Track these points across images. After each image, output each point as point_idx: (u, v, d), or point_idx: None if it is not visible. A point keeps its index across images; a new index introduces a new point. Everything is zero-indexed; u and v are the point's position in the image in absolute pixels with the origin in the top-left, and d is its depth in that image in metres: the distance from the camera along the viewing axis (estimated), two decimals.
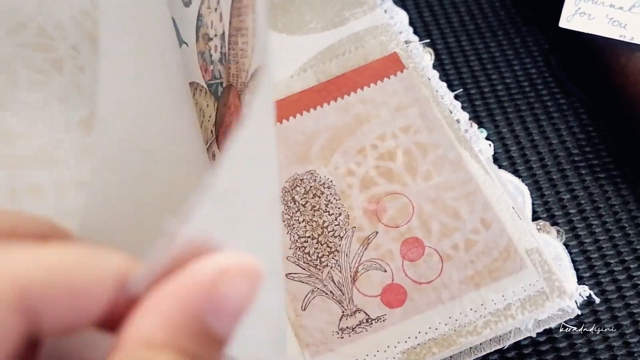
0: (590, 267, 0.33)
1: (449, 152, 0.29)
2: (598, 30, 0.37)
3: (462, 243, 0.27)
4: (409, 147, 0.30)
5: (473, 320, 0.26)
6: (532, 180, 0.35)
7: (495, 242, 0.27)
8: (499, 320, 0.26)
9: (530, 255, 0.26)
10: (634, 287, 0.32)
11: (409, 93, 0.31)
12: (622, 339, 0.30)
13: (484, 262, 0.26)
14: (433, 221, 0.28)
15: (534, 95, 0.39)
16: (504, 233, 0.27)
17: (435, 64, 0.40)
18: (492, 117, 0.38)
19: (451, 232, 0.27)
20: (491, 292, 0.26)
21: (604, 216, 0.34)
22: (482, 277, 0.26)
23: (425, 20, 0.42)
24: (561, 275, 0.26)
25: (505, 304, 0.26)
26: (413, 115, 0.30)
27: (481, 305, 0.26)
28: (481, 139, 0.30)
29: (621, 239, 0.33)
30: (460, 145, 0.29)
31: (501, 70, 0.40)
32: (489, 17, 0.42)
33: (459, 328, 0.26)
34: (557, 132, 0.37)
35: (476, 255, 0.27)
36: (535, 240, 0.27)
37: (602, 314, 0.31)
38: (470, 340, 0.25)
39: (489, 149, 0.30)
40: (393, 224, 0.28)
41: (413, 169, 0.29)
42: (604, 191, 0.35)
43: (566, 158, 0.36)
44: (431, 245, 0.27)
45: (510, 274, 0.26)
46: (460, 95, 0.39)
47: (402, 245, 0.28)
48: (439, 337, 0.26)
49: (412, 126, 0.30)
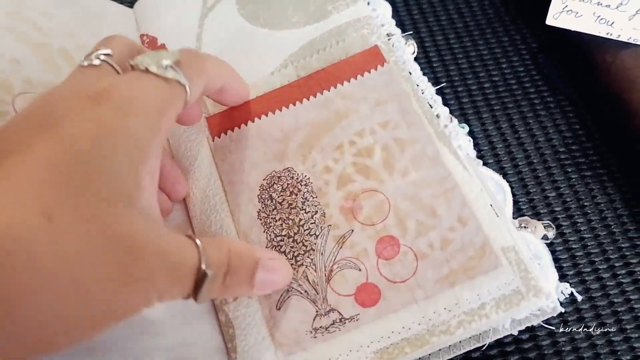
0: (574, 265, 0.32)
1: (428, 148, 0.29)
2: (585, 28, 0.36)
3: (438, 241, 0.27)
4: (387, 143, 0.29)
5: (447, 320, 0.25)
6: (518, 177, 0.35)
7: (471, 241, 0.26)
8: (473, 320, 0.25)
9: (506, 253, 0.26)
10: (618, 285, 0.32)
11: (389, 87, 0.30)
12: (605, 337, 0.30)
13: (460, 260, 0.26)
14: (409, 219, 0.27)
15: (521, 93, 0.38)
16: (480, 231, 0.26)
17: (422, 61, 0.40)
18: (479, 115, 0.38)
19: (427, 230, 0.27)
20: (466, 291, 0.25)
21: (590, 214, 0.34)
22: (457, 276, 0.26)
23: (413, 18, 0.42)
24: (538, 274, 0.25)
25: (480, 303, 0.25)
26: (392, 110, 0.30)
27: (455, 304, 0.25)
28: (461, 134, 0.30)
29: (606, 237, 0.33)
30: (439, 141, 0.29)
31: (489, 68, 0.40)
32: (477, 15, 0.42)
33: (432, 328, 0.25)
34: (544, 130, 0.37)
35: (451, 253, 0.26)
36: (513, 238, 0.26)
37: (586, 312, 0.31)
38: (444, 339, 0.25)
39: (468, 144, 0.30)
40: (369, 222, 0.28)
41: (390, 165, 0.29)
42: (589, 189, 0.35)
43: (552, 156, 0.36)
44: (407, 243, 0.27)
45: (485, 273, 0.25)
46: (447, 92, 0.38)
47: (377, 243, 0.27)
48: (412, 337, 0.25)
49: (391, 121, 0.30)
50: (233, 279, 0.23)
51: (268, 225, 0.28)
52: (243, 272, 0.23)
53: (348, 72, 0.31)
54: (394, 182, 0.28)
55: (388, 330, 0.25)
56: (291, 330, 0.26)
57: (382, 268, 0.27)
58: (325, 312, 0.26)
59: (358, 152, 0.29)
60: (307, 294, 0.27)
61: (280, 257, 0.27)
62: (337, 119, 0.30)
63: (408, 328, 0.25)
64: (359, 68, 0.31)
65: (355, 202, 0.28)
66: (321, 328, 0.26)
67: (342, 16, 0.33)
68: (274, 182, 0.29)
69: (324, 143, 0.30)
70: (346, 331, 0.26)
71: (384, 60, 0.31)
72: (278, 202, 0.29)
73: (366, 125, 0.30)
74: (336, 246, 0.27)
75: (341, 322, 0.26)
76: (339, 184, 0.29)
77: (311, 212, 0.28)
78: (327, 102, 0.31)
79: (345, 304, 0.26)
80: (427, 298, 0.26)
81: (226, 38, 0.35)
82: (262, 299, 0.27)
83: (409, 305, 0.26)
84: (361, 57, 0.32)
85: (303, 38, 0.33)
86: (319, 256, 0.27)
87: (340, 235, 0.28)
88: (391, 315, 0.26)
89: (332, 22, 0.33)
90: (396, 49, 0.32)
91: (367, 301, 0.26)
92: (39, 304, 0.18)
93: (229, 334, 0.27)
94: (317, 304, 0.27)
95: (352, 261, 0.27)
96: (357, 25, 0.33)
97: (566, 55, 0.40)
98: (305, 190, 0.29)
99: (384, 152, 0.29)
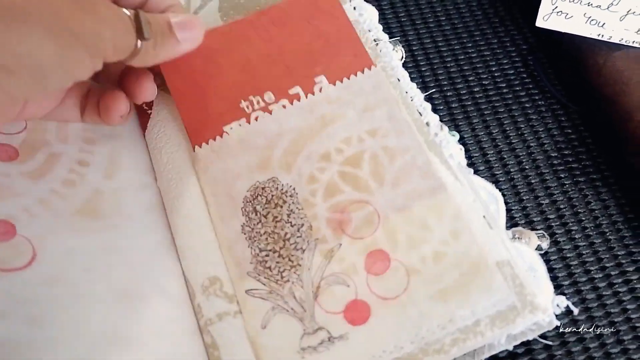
0: (570, 274, 0.31)
1: (418, 158, 0.28)
2: (575, 29, 0.36)
3: (430, 255, 0.26)
4: (376, 152, 0.28)
5: (440, 338, 0.24)
6: (510, 185, 0.34)
7: (465, 255, 0.25)
8: (467, 338, 0.24)
9: (501, 268, 0.25)
10: (614, 294, 0.31)
11: (377, 92, 0.29)
12: (602, 349, 0.29)
13: (453, 275, 0.25)
14: (400, 232, 0.26)
15: (511, 97, 0.38)
16: (474, 245, 0.25)
17: (411, 65, 0.39)
18: (469, 120, 0.37)
19: (419, 244, 0.26)
20: (460, 308, 0.24)
21: (584, 221, 0.33)
22: (450, 292, 0.25)
23: (401, 22, 0.41)
24: (534, 288, 0.25)
25: (474, 320, 0.24)
26: (381, 117, 0.29)
27: (449, 321, 0.24)
28: (452, 143, 0.29)
29: (601, 245, 0.32)
30: (430, 151, 0.28)
31: (478, 71, 0.39)
32: (465, 18, 0.41)
33: (425, 346, 0.24)
34: (536, 135, 0.36)
35: (445, 268, 0.25)
36: (508, 251, 0.25)
37: (582, 323, 0.30)
38: (437, 359, 0.24)
39: (459, 153, 0.29)
40: (358, 235, 0.27)
41: (380, 175, 0.27)
42: (583, 195, 0.34)
43: (545, 161, 0.35)
44: (397, 257, 0.26)
45: (479, 289, 0.24)
46: (436, 97, 0.37)
47: (366, 258, 0.26)
48: (405, 356, 0.24)
49: (380, 129, 0.28)
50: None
51: (252, 240, 0.27)
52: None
53: (300, 11, 0.30)
54: (384, 193, 0.27)
55: (379, 349, 0.24)
56: (277, 350, 0.25)
57: (372, 284, 0.26)
58: (313, 331, 0.25)
59: (345, 161, 0.28)
60: (294, 312, 0.26)
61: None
62: (323, 125, 0.29)
63: (400, 347, 0.24)
64: (313, 8, 0.30)
65: (344, 214, 0.27)
66: (309, 347, 0.25)
67: None
68: (258, 193, 0.28)
69: (310, 150, 0.28)
70: (335, 351, 0.25)
71: (371, 63, 0.30)
72: (263, 215, 0.28)
73: (354, 132, 0.29)
74: (324, 261, 0.26)
75: (330, 341, 0.25)
76: (325, 195, 0.27)
77: (297, 225, 0.27)
78: (312, 106, 0.29)
79: (334, 322, 0.25)
80: (420, 315, 0.25)
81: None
82: (247, 319, 0.26)
83: (401, 323, 0.25)
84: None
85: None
86: (305, 272, 0.26)
87: (328, 250, 0.26)
88: (382, 334, 0.25)
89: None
90: (384, 55, 0.31)
91: (357, 319, 0.25)
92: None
93: (214, 356, 0.26)
94: (305, 322, 0.25)
95: (341, 277, 0.26)
96: None
97: (557, 58, 0.39)
98: (291, 202, 0.27)
99: (372, 161, 0.28)
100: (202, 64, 0.31)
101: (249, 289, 0.26)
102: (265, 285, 0.26)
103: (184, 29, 0.28)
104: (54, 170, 0.29)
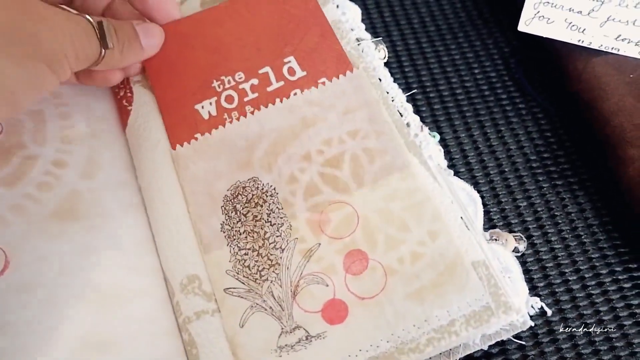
0: (545, 276, 0.32)
1: (397, 159, 0.28)
2: (557, 34, 0.36)
3: (408, 256, 0.26)
4: (356, 153, 0.28)
5: (416, 338, 0.24)
6: (489, 187, 0.35)
7: (442, 255, 0.26)
8: (442, 338, 0.24)
9: (476, 268, 0.25)
10: (587, 296, 0.31)
11: (358, 95, 0.30)
12: (574, 350, 0.30)
13: (430, 275, 0.25)
14: (378, 233, 0.26)
15: (493, 100, 0.38)
16: (451, 245, 0.26)
17: (394, 65, 0.39)
18: (450, 122, 0.37)
19: (397, 245, 0.26)
20: (436, 308, 0.25)
21: (560, 224, 0.33)
22: (426, 292, 0.25)
23: (385, 21, 0.41)
24: (508, 289, 0.25)
25: (449, 320, 0.25)
26: (362, 119, 0.29)
27: (425, 321, 0.25)
28: (432, 144, 0.29)
29: (576, 248, 0.33)
30: (409, 152, 0.28)
31: (461, 73, 0.39)
32: (450, 19, 0.41)
33: (400, 345, 0.24)
34: (516, 138, 0.36)
35: (422, 268, 0.25)
36: (484, 252, 0.26)
37: (556, 324, 0.30)
38: (413, 358, 0.24)
39: (439, 154, 0.29)
40: (337, 235, 0.27)
41: (359, 176, 0.28)
42: (560, 198, 0.34)
43: (524, 164, 0.35)
44: (376, 258, 0.26)
45: (455, 289, 0.25)
46: (419, 98, 0.38)
47: (345, 257, 0.26)
48: (381, 355, 0.24)
49: (360, 131, 0.29)
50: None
51: (232, 238, 0.27)
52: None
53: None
54: (363, 194, 0.27)
55: (356, 348, 0.25)
56: (255, 349, 0.25)
57: (350, 283, 0.26)
58: (290, 330, 0.25)
59: (326, 162, 0.28)
60: (272, 311, 0.26)
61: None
62: (304, 126, 0.29)
63: (376, 346, 0.24)
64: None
65: (323, 214, 0.27)
66: (286, 346, 0.25)
67: None
68: (238, 192, 0.28)
69: (291, 151, 0.29)
70: (312, 349, 0.25)
71: (352, 66, 0.30)
72: (243, 214, 0.28)
73: (334, 133, 0.29)
74: (303, 260, 0.26)
75: (307, 339, 0.25)
76: (305, 195, 0.28)
77: (277, 224, 0.27)
78: (293, 108, 0.30)
79: (312, 321, 0.25)
80: (396, 315, 0.25)
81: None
82: (225, 317, 0.26)
83: (378, 322, 0.25)
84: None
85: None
86: (284, 271, 0.26)
87: (307, 249, 0.27)
88: (359, 333, 0.25)
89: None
90: (366, 55, 0.31)
91: (335, 318, 0.25)
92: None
93: (192, 354, 0.26)
94: (283, 321, 0.26)
95: (319, 276, 0.26)
96: None
97: (538, 62, 0.39)
98: (271, 202, 0.28)
99: (352, 163, 0.28)
100: (178, 48, 0.31)
101: (227, 287, 0.26)
102: (244, 284, 0.26)
103: (147, 36, 0.30)
104: (28, 174, 0.29)
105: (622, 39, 0.35)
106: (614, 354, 0.30)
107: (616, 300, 0.31)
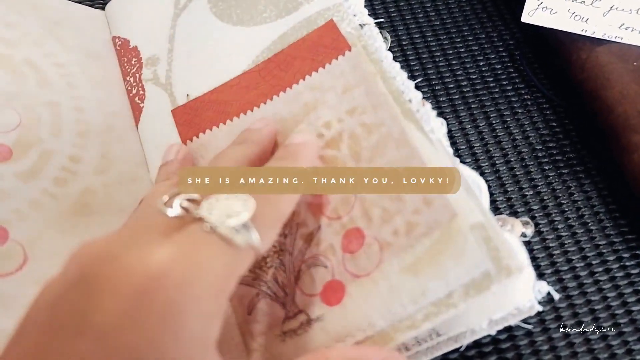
0: (552, 263, 0.32)
1: (394, 129, 0.26)
2: (560, 24, 0.36)
3: (403, 227, 0.24)
4: (354, 130, 0.27)
5: (412, 314, 0.23)
6: (495, 176, 0.35)
7: (437, 221, 0.24)
8: (440, 312, 0.23)
9: (474, 231, 0.23)
10: (595, 283, 0.31)
11: (356, 72, 0.28)
12: (583, 336, 0.30)
13: (425, 245, 0.23)
14: (374, 207, 0.25)
15: (498, 91, 0.38)
16: (447, 209, 0.24)
17: (400, 60, 0.39)
18: (456, 113, 0.37)
19: (392, 217, 0.25)
20: (432, 279, 0.23)
21: (567, 212, 0.34)
22: (422, 263, 0.23)
23: (391, 16, 0.42)
24: (510, 252, 0.22)
25: (447, 292, 0.23)
26: (359, 95, 0.28)
27: (421, 294, 0.23)
28: (432, 117, 0.27)
29: (583, 235, 0.33)
30: (405, 119, 0.26)
31: (466, 65, 0.39)
32: (455, 13, 0.42)
33: (397, 323, 0.23)
34: (521, 128, 0.37)
35: (416, 238, 0.24)
36: (483, 213, 0.24)
37: (563, 310, 0.31)
38: (409, 335, 0.23)
39: (441, 127, 0.27)
40: (335, 215, 0.26)
41: (357, 153, 0.27)
42: (567, 187, 0.35)
43: (530, 154, 0.36)
44: (372, 233, 0.25)
45: (452, 255, 0.23)
46: (424, 91, 0.38)
47: (343, 237, 0.25)
48: (377, 335, 0.23)
49: (359, 107, 0.28)
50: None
51: None
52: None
53: (306, 51, 0.30)
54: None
55: (353, 328, 0.24)
56: (262, 335, 0.25)
57: (347, 263, 0.25)
58: (293, 314, 0.25)
59: (326, 145, 0.28)
60: (277, 296, 0.26)
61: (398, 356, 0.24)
62: (306, 112, 0.29)
63: (373, 325, 0.23)
64: (318, 45, 0.30)
65: (323, 196, 0.27)
66: (290, 331, 0.25)
67: (312, 6, 0.32)
68: None
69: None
70: (313, 333, 0.24)
71: (347, 45, 0.29)
72: None
73: (334, 115, 0.28)
74: (304, 244, 0.26)
75: (308, 323, 0.25)
76: None
77: None
78: (296, 95, 0.29)
79: (312, 304, 0.25)
80: (390, 290, 0.24)
81: (198, 38, 0.34)
82: (235, 305, 0.26)
83: (373, 299, 0.24)
84: (317, 34, 0.30)
85: (274, 32, 0.32)
86: (287, 256, 0.26)
87: (308, 233, 0.26)
88: (355, 312, 0.24)
89: (303, 14, 0.32)
90: (368, 37, 0.30)
91: (332, 299, 0.25)
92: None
93: None
94: (287, 307, 0.25)
95: (320, 258, 0.26)
96: (327, 14, 0.31)
97: (542, 52, 0.40)
98: None
99: (350, 140, 0.27)
100: (213, 116, 0.31)
101: None
102: (251, 272, 0.27)
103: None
104: (45, 168, 0.29)
105: (626, 28, 0.35)
106: (622, 339, 0.30)
107: (624, 287, 0.31)
